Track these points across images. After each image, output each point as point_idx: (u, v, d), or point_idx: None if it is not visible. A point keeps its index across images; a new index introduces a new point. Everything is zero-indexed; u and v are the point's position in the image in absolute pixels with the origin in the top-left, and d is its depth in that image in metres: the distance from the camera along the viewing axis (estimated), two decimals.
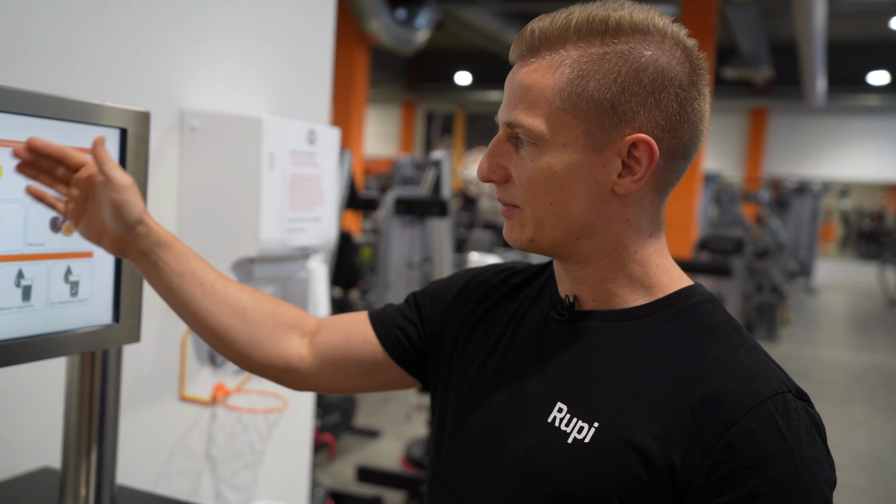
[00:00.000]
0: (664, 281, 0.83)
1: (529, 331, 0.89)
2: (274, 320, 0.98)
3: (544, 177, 0.79)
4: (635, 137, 0.77)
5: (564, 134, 0.78)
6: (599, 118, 0.77)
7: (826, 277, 15.02)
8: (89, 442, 1.11)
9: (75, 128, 0.97)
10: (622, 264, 0.82)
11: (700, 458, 0.72)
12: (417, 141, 19.02)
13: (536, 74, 0.79)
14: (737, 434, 0.72)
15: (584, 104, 0.77)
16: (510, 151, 0.82)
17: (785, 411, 0.73)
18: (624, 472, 0.75)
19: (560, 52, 0.78)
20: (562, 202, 0.79)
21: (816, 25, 8.46)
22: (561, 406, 0.81)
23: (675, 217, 8.42)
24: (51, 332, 0.98)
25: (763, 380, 0.75)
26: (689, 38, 0.81)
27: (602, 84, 0.77)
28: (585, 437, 0.78)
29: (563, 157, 0.78)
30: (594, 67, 0.77)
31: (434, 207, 4.16)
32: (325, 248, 1.76)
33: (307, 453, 2.08)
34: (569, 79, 0.77)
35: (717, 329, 0.80)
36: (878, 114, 16.46)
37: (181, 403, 1.66)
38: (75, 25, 1.32)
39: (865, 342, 9.05)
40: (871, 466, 4.79)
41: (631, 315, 0.82)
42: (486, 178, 0.83)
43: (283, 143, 1.57)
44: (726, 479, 0.71)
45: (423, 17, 9.92)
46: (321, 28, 1.94)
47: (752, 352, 0.79)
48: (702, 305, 0.82)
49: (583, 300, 0.85)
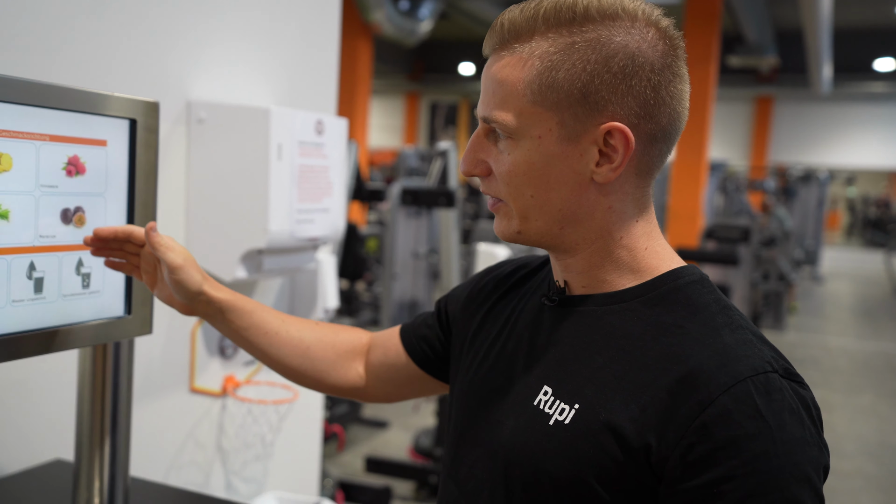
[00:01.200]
0: (653, 264, 0.83)
1: (527, 318, 0.90)
2: (335, 351, 1.08)
3: (522, 170, 0.80)
4: (609, 126, 0.77)
5: (538, 126, 0.78)
6: (572, 108, 0.77)
7: (832, 265, 14.98)
8: (102, 434, 1.11)
9: (84, 118, 0.96)
10: (609, 251, 0.83)
11: (675, 439, 0.71)
12: (421, 132, 18.98)
13: (507, 69, 0.79)
14: (712, 414, 0.70)
15: (555, 95, 0.77)
16: (489, 146, 0.82)
17: (767, 391, 0.71)
18: (600, 453, 0.75)
19: (530, 44, 0.78)
20: (542, 193, 0.80)
21: (822, 12, 8.40)
22: (546, 389, 0.82)
23: (681, 206, 8.40)
24: (63, 325, 0.98)
25: (744, 359, 0.73)
26: (663, 17, 0.79)
27: (571, 74, 0.76)
28: (566, 419, 0.78)
29: (539, 149, 0.78)
30: (563, 57, 0.77)
31: (441, 198, 4.15)
32: (333, 239, 1.76)
33: (317, 444, 2.09)
34: (538, 71, 0.77)
35: (703, 309, 0.79)
36: (884, 101, 16.36)
37: (191, 395, 1.66)
38: (82, 17, 1.32)
39: (872, 330, 9.02)
40: (878, 453, 4.79)
41: (618, 298, 0.82)
42: (468, 172, 0.84)
43: (291, 134, 1.56)
44: (701, 460, 0.70)
45: (426, 7, 9.87)
46: (327, 18, 1.93)
47: (738, 331, 0.77)
48: (690, 286, 0.81)
49: (573, 286, 0.86)
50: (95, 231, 0.95)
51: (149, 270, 0.99)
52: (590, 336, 0.82)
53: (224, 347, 1.72)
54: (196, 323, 1.64)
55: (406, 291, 5.91)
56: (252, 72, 1.71)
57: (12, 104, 0.88)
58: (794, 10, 9.61)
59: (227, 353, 1.73)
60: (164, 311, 1.55)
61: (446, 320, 1.05)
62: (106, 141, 0.99)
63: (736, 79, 14.90)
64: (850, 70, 14.68)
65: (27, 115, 0.90)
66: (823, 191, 12.20)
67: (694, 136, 8.31)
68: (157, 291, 1.00)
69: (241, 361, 1.77)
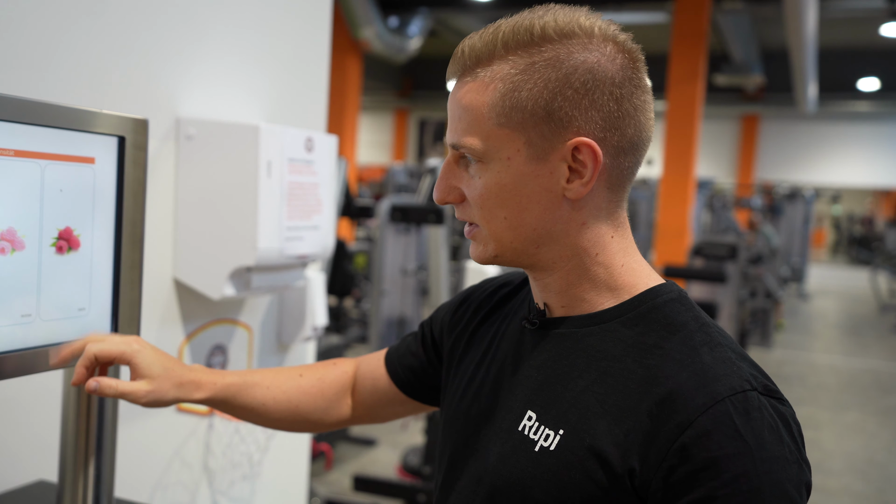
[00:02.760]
0: (630, 281, 0.82)
1: (509, 341, 0.90)
2: (324, 399, 1.10)
3: (494, 192, 0.80)
4: (576, 141, 0.77)
5: (506, 148, 0.79)
6: (538, 127, 0.78)
7: (818, 283, 15.07)
8: (87, 455, 1.09)
9: (73, 135, 0.95)
10: (585, 268, 0.82)
11: (657, 462, 0.71)
12: (410, 148, 19.02)
13: (471, 94, 0.80)
14: (691, 436, 0.70)
15: (520, 115, 0.78)
16: (460, 172, 0.83)
17: (745, 410, 0.71)
18: (586, 479, 0.74)
19: (491, 68, 0.79)
20: (515, 214, 0.80)
21: (807, 32, 8.51)
22: (531, 414, 0.82)
23: (668, 223, 8.44)
24: (48, 344, 0.96)
25: (723, 379, 0.73)
26: (620, 32, 0.80)
27: (533, 93, 0.77)
28: (551, 445, 0.78)
29: (509, 171, 0.79)
30: (524, 77, 0.77)
31: (430, 215, 4.15)
32: (323, 257, 1.75)
33: (305, 463, 2.07)
34: (501, 93, 0.78)
35: (680, 328, 0.79)
36: (869, 120, 16.55)
37: (178, 414, 1.64)
38: (70, 32, 1.31)
39: (858, 347, 9.07)
40: (865, 471, 4.80)
41: (597, 319, 0.82)
42: (441, 200, 0.85)
43: (281, 151, 1.55)
44: (682, 482, 0.70)
45: (415, 24, 9.94)
46: (317, 36, 1.94)
47: (717, 349, 0.77)
48: (668, 305, 0.81)
49: (552, 307, 0.86)
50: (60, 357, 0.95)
51: None
52: (571, 359, 0.81)
53: (211, 366, 1.70)
54: (183, 341, 1.62)
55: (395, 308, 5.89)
56: (242, 89, 1.71)
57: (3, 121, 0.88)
58: (779, 30, 9.73)
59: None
60: (151, 329, 1.54)
61: (431, 344, 1.06)
62: (94, 158, 0.98)
63: (722, 97, 15.04)
64: (835, 89, 14.85)
65: (14, 132, 0.89)
66: (809, 208, 12.30)
67: (681, 154, 8.37)
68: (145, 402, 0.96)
69: None
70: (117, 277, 1.02)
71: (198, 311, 1.63)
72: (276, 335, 1.89)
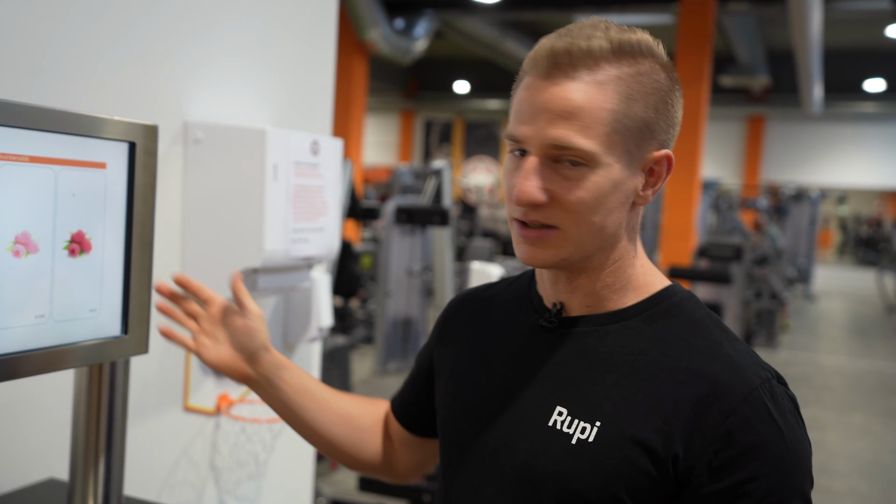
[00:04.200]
0: (649, 281, 0.88)
1: (517, 341, 0.91)
2: (374, 421, 1.11)
3: (594, 197, 0.80)
4: (662, 153, 0.83)
5: (612, 154, 0.80)
6: (636, 137, 0.81)
7: (824, 284, 15.03)
8: (97, 453, 1.11)
9: (85, 141, 0.98)
10: (623, 269, 0.87)
11: (701, 447, 0.77)
12: (416, 149, 19.05)
13: (584, 95, 0.78)
14: (734, 422, 0.77)
15: (629, 123, 0.80)
16: (550, 172, 0.80)
17: (773, 396, 0.79)
18: (630, 467, 0.78)
19: (599, 72, 0.79)
20: (603, 219, 0.81)
21: (813, 33, 8.50)
22: (561, 410, 0.83)
23: (674, 224, 8.44)
24: (60, 345, 0.99)
25: (750, 369, 0.80)
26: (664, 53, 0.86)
27: (643, 105, 0.80)
28: (589, 437, 0.80)
29: (609, 176, 0.80)
30: (635, 87, 0.80)
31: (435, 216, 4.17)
32: (328, 258, 1.77)
33: (310, 462, 2.09)
34: (617, 100, 0.79)
35: (699, 324, 0.85)
36: (875, 121, 16.50)
37: (185, 414, 1.67)
38: (79, 39, 1.33)
39: (864, 348, 9.05)
40: (871, 472, 4.80)
41: (619, 317, 0.86)
42: (531, 202, 0.80)
43: (287, 155, 1.58)
44: (727, 465, 0.76)
45: (421, 26, 9.96)
46: (323, 39, 1.96)
47: (735, 343, 0.83)
48: (683, 303, 0.87)
49: (571, 306, 0.88)
50: (179, 280, 1.04)
51: (207, 330, 1.05)
52: (596, 355, 0.84)
53: None
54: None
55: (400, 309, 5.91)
56: (248, 92, 1.73)
57: (11, 128, 0.90)
58: (785, 31, 9.72)
59: None
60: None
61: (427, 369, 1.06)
62: (105, 164, 1.00)
63: (728, 98, 15.02)
64: (841, 90, 14.81)
65: (26, 138, 0.91)
66: (815, 209, 12.28)
67: (687, 155, 8.37)
68: (210, 356, 1.04)
69: None
70: (127, 279, 1.04)
71: None
72: (282, 335, 1.91)
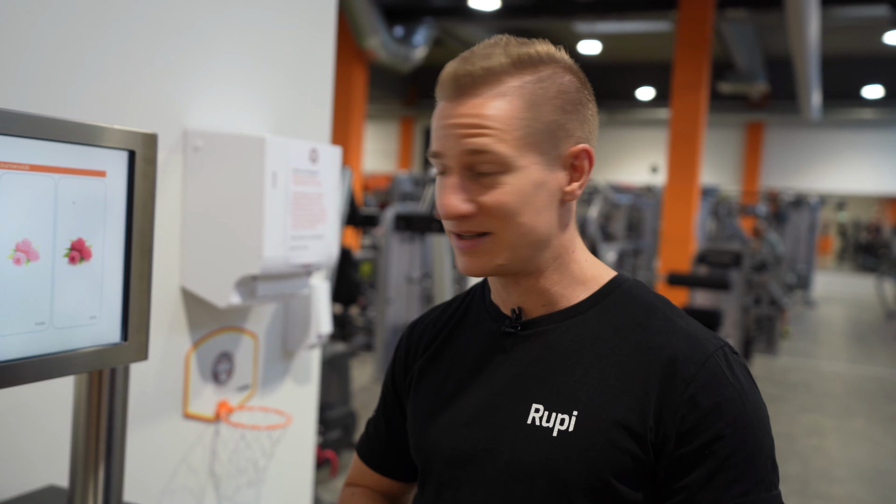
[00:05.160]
0: (596, 273, 0.93)
1: (481, 351, 0.94)
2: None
3: (515, 199, 0.85)
4: (578, 148, 0.88)
5: (526, 157, 0.85)
6: (550, 138, 0.86)
7: (824, 290, 15.03)
8: (97, 460, 1.11)
9: (85, 150, 0.99)
10: (565, 265, 0.91)
11: (670, 416, 0.82)
12: (416, 157, 19.07)
13: (487, 107, 0.84)
14: (696, 387, 0.82)
15: (538, 127, 0.85)
16: (471, 184, 0.86)
17: (728, 362, 0.85)
18: (613, 448, 0.82)
19: (501, 85, 0.85)
20: (530, 220, 0.86)
21: (811, 40, 8.53)
22: (537, 406, 0.87)
23: (673, 231, 8.45)
24: (61, 351, 0.99)
25: (705, 340, 0.87)
26: (568, 57, 0.91)
27: (549, 109, 0.86)
28: (569, 427, 0.84)
29: (528, 178, 0.85)
30: (538, 93, 0.85)
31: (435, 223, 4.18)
32: (327, 266, 1.78)
33: (310, 470, 2.09)
34: (522, 107, 0.85)
35: (651, 306, 0.91)
36: (873, 127, 16.53)
37: (185, 420, 1.67)
38: (79, 47, 1.34)
39: (864, 354, 9.05)
40: (871, 478, 4.79)
41: (575, 311, 0.91)
42: (458, 214, 0.85)
43: (286, 162, 1.59)
44: (693, 428, 0.81)
45: (420, 34, 9.99)
46: (321, 48, 1.97)
47: (685, 319, 0.90)
48: (633, 289, 0.92)
49: (528, 309, 0.92)
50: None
51: None
52: (562, 350, 0.89)
53: (217, 373, 1.73)
54: (190, 348, 1.65)
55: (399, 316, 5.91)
56: (247, 101, 1.74)
57: (12, 137, 0.91)
58: (783, 37, 9.75)
59: (221, 378, 1.74)
60: (158, 336, 1.57)
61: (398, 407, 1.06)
62: (105, 172, 1.01)
63: (727, 105, 15.05)
64: (840, 97, 14.85)
65: (27, 147, 0.92)
66: (815, 216, 12.28)
67: (686, 162, 8.38)
68: None
69: (235, 387, 1.78)
70: (127, 287, 1.05)
71: (204, 319, 1.66)
72: (281, 342, 1.92)
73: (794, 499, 4.36)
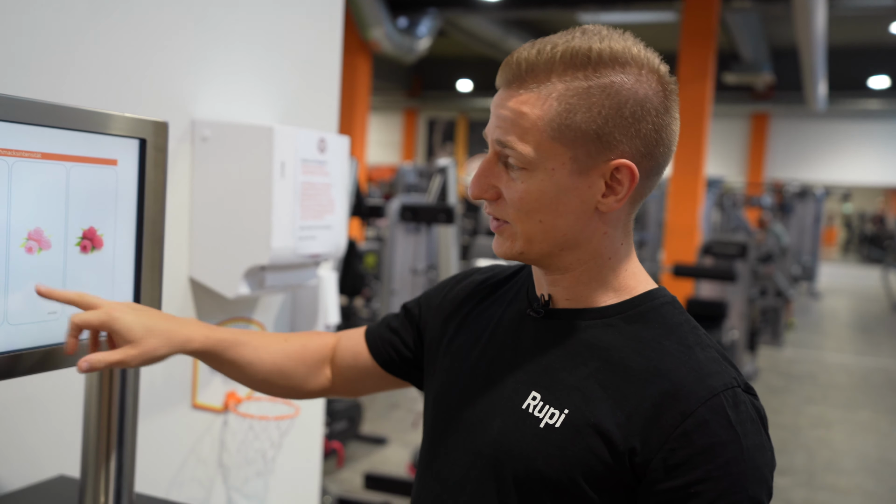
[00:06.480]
0: (631, 284, 0.91)
1: (508, 327, 0.97)
2: (305, 365, 1.13)
3: (534, 198, 0.86)
4: (619, 163, 0.84)
5: (553, 160, 0.84)
6: (586, 146, 0.84)
7: (829, 281, 15.00)
8: (108, 450, 1.11)
9: (96, 138, 0.98)
10: (598, 271, 0.90)
11: (658, 444, 0.80)
12: (419, 148, 19.04)
13: (526, 105, 0.85)
14: (692, 423, 0.80)
15: (572, 134, 0.83)
16: (500, 172, 0.88)
17: (734, 404, 0.82)
18: (589, 454, 0.83)
19: (546, 85, 0.84)
20: (550, 220, 0.86)
21: (817, 30, 8.48)
22: (535, 395, 0.89)
23: (678, 222, 8.43)
24: None
25: (716, 375, 0.83)
26: (662, 64, 0.87)
27: (588, 117, 0.83)
28: (556, 423, 0.86)
29: (551, 181, 0.85)
30: (580, 101, 0.83)
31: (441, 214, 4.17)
32: (335, 256, 1.77)
33: (317, 460, 2.09)
34: (557, 111, 0.83)
35: (676, 329, 0.88)
36: (879, 118, 16.45)
37: (193, 411, 1.67)
38: (89, 37, 1.34)
39: (870, 346, 9.03)
40: (877, 470, 4.79)
41: (600, 314, 0.90)
42: (478, 196, 0.90)
43: (294, 152, 1.58)
44: (681, 464, 0.80)
45: (424, 25, 9.95)
46: (329, 38, 1.96)
47: (707, 350, 0.87)
48: (664, 307, 0.90)
49: (556, 299, 0.93)
50: (42, 293, 0.91)
51: None
52: (575, 347, 0.89)
53: None
54: None
55: None
56: (255, 90, 1.73)
57: (24, 125, 0.90)
58: (788, 28, 9.69)
59: None
60: None
61: (416, 324, 1.11)
62: (117, 160, 1.01)
63: (732, 96, 14.99)
64: (845, 87, 14.77)
65: (38, 135, 0.92)
66: (820, 207, 12.24)
67: (691, 153, 8.35)
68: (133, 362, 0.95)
69: None
70: (138, 276, 1.05)
71: (213, 309, 1.66)
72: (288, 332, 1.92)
73: (801, 490, 4.36)
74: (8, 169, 0.89)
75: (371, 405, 5.32)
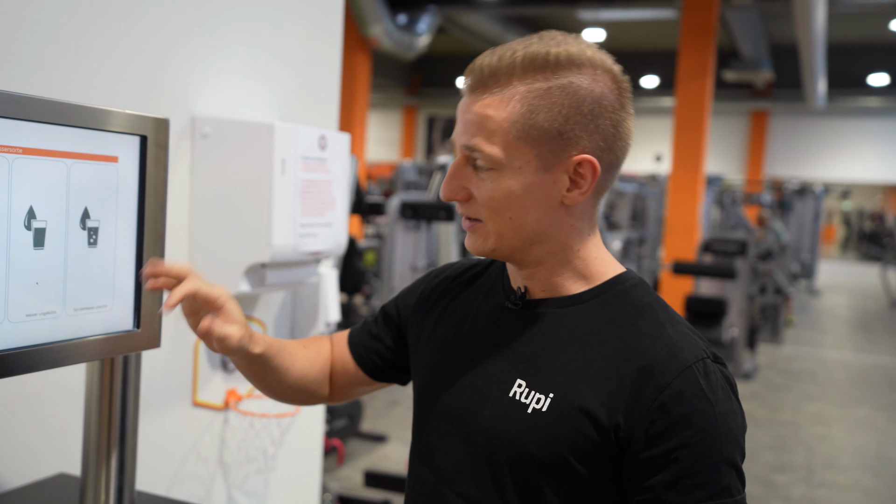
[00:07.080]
0: (601, 270, 0.97)
1: (487, 320, 1.02)
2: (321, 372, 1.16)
3: (503, 196, 0.91)
4: (581, 158, 0.90)
5: (519, 159, 0.90)
6: (549, 144, 0.90)
7: (828, 279, 15.01)
8: (109, 448, 1.11)
9: (97, 135, 0.98)
10: (568, 261, 0.96)
11: (640, 417, 0.87)
12: (419, 146, 19.03)
13: (490, 108, 0.90)
14: (668, 395, 0.86)
15: (536, 133, 0.89)
16: (470, 173, 0.93)
17: (706, 374, 0.88)
18: (576, 433, 0.88)
19: (509, 88, 0.89)
20: (520, 216, 0.92)
21: (816, 28, 8.47)
22: (520, 382, 0.94)
23: (678, 220, 8.43)
24: (73, 339, 0.99)
25: (687, 349, 0.90)
26: (615, 64, 0.93)
27: (549, 116, 0.89)
28: (543, 407, 0.91)
29: (518, 179, 0.90)
30: (541, 101, 0.89)
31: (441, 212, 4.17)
32: (336, 253, 1.77)
33: (318, 458, 2.09)
34: (520, 112, 0.89)
35: (647, 309, 0.94)
36: (879, 115, 16.46)
37: (194, 409, 1.67)
38: (89, 34, 1.33)
39: (869, 343, 9.04)
40: (876, 466, 4.79)
41: (575, 301, 0.96)
42: (449, 197, 0.95)
43: (295, 149, 1.58)
44: (661, 433, 0.86)
45: (424, 22, 9.94)
46: (329, 35, 1.96)
47: (677, 325, 0.93)
48: (634, 289, 0.96)
49: (533, 291, 0.98)
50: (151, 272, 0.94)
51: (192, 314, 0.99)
52: (555, 334, 0.95)
53: (226, 361, 1.73)
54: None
55: None
56: (255, 87, 1.73)
57: (25, 121, 0.90)
58: (788, 25, 9.69)
59: (230, 366, 1.74)
60: (168, 324, 1.56)
61: (396, 325, 1.15)
62: (117, 157, 1.00)
63: (731, 93, 14.99)
64: (845, 85, 14.77)
65: (39, 131, 0.91)
66: (819, 204, 12.25)
67: (690, 151, 8.35)
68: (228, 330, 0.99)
69: None
70: (139, 273, 1.04)
71: None
72: (289, 330, 1.91)
73: (800, 487, 4.37)
74: (8, 165, 0.88)
75: (371, 403, 5.32)
